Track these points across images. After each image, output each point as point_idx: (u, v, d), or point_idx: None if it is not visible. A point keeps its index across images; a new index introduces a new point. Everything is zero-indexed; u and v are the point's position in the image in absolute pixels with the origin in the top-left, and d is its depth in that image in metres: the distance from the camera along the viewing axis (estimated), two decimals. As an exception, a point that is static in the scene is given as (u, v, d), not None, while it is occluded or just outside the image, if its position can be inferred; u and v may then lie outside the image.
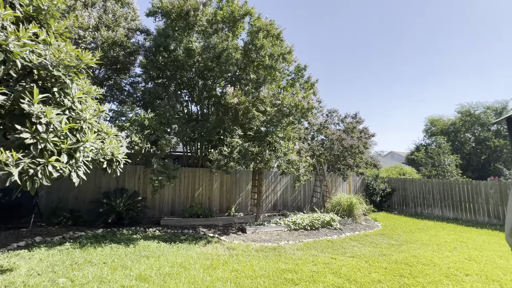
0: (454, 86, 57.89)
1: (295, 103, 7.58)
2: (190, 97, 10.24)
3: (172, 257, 5.00)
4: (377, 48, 59.96)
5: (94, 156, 3.82)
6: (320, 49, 62.80)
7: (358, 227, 8.77)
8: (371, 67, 66.45)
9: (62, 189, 7.85)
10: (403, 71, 64.47)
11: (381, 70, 67.36)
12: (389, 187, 13.29)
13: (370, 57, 62.27)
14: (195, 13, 7.86)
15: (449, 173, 15.44)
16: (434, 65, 58.34)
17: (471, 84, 55.65)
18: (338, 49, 63.54)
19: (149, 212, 8.82)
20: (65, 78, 2.85)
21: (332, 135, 10.95)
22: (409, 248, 6.37)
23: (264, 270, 4.64)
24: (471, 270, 4.99)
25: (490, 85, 52.74)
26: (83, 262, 4.41)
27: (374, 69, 67.32)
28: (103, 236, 6.13)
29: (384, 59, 62.88)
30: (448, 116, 28.29)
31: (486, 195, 9.98)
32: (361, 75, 69.69)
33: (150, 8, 8.40)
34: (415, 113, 69.43)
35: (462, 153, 23.96)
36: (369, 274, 4.67)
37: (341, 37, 59.18)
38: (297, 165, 8.23)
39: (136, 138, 6.08)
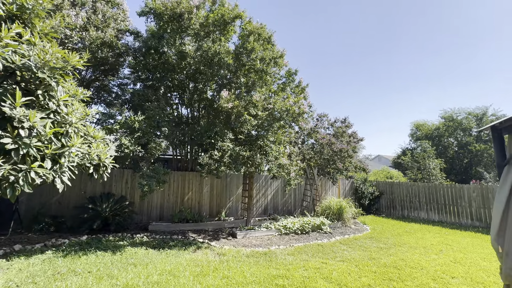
0: (439, 92, 60.04)
1: (286, 107, 7.62)
2: (180, 99, 10.10)
3: (161, 265, 4.87)
4: (366, 53, 61.49)
5: (80, 161, 3.68)
6: (306, 48, 63.71)
7: (348, 230, 8.86)
8: (361, 72, 68.07)
9: (45, 194, 7.53)
10: (391, 76, 66.35)
11: (368, 75, 69.09)
12: (377, 190, 13.54)
13: (361, 61, 63.79)
14: (189, 16, 7.80)
15: (433, 176, 15.90)
16: (419, 72, 60.35)
17: (455, 90, 57.91)
18: (324, 50, 64.72)
19: (137, 217, 8.59)
20: (50, 80, 2.73)
21: (322, 139, 11.07)
22: (398, 251, 6.48)
23: (255, 276, 4.59)
24: (457, 273, 5.12)
25: (472, 92, 55.06)
26: (66, 272, 4.21)
27: (362, 74, 68.98)
28: (88, 243, 5.90)
29: (370, 65, 64.55)
30: (432, 121, 29.23)
31: (469, 198, 10.34)
32: (346, 79, 71.20)
33: (143, 7, 8.27)
34: (401, 117, 71.44)
35: (445, 157, 24.76)
36: (359, 278, 4.70)
37: (326, 36, 60.31)
38: (288, 169, 8.25)
39: (126, 141, 5.91)
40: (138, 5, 26.47)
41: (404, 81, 63.71)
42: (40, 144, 2.65)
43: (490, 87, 51.43)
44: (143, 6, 8.26)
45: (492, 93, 51.33)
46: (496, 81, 50.02)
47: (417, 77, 60.01)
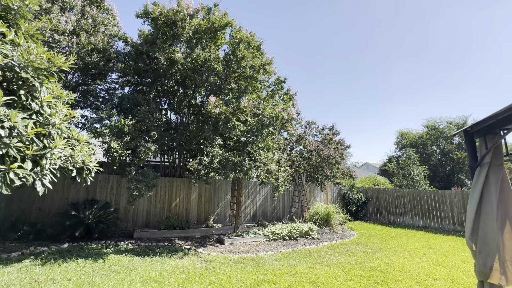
0: (423, 102, 62.42)
1: (275, 114, 7.73)
2: (169, 105, 10.06)
3: (145, 272, 4.75)
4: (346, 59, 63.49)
5: (62, 164, 3.60)
6: (297, 59, 65.09)
7: (335, 236, 8.93)
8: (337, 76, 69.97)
9: (24, 200, 7.23)
10: (378, 87, 68.56)
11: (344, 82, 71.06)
12: (364, 196, 13.77)
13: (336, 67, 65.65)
14: (182, 24, 7.89)
15: (418, 183, 16.36)
16: (404, 83, 62.72)
17: (438, 100, 60.40)
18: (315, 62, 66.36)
19: (122, 224, 8.36)
20: (34, 80, 2.70)
21: (311, 145, 11.24)
22: (383, 256, 6.58)
23: (242, 282, 4.55)
24: (439, 275, 5.25)
25: (454, 102, 57.58)
26: (44, 280, 4.04)
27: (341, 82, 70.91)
28: (69, 251, 5.68)
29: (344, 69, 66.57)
30: (416, 130, 30.27)
31: (451, 204, 10.69)
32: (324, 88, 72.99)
33: (141, 11, 8.33)
34: (388, 126, 73.57)
35: (429, 164, 25.58)
36: (345, 282, 4.75)
37: (317, 50, 61.95)
38: (276, 175, 8.31)
39: (115, 145, 5.80)
40: (134, 5, 26.39)
41: (390, 91, 65.96)
42: (21, 144, 2.59)
43: (470, 98, 54.02)
44: (141, 11, 8.32)
45: (472, 103, 53.90)
46: (475, 92, 52.63)
47: (402, 88, 62.30)
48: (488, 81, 53.25)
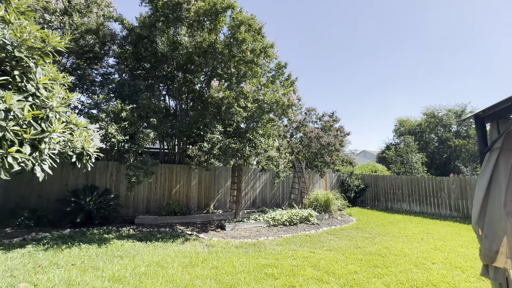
0: (423, 89, 62.07)
1: (276, 99, 7.59)
2: (168, 91, 9.85)
3: (148, 256, 4.78)
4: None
5: (61, 149, 3.51)
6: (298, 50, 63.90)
7: (334, 221, 9.06)
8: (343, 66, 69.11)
9: (23, 187, 7.17)
10: (375, 73, 67.83)
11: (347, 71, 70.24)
12: (362, 183, 13.90)
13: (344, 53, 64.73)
14: (187, 6, 7.55)
15: (416, 170, 16.52)
16: (404, 69, 62.06)
17: (438, 87, 60.06)
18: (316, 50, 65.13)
19: (123, 210, 8.38)
20: (28, 60, 2.55)
21: (311, 132, 11.18)
22: (382, 240, 6.70)
23: (244, 266, 4.60)
24: (437, 259, 5.36)
25: (453, 89, 57.30)
26: (48, 265, 4.04)
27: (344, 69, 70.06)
28: (71, 237, 5.69)
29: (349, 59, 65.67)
30: (415, 117, 30.26)
31: (449, 190, 10.82)
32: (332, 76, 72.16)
33: None
34: (386, 114, 73.49)
35: (426, 152, 25.76)
36: (346, 266, 4.82)
37: (318, 38, 60.69)
38: (277, 162, 8.28)
39: (112, 130, 5.68)
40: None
41: (389, 78, 65.34)
42: (18, 128, 2.49)
43: (470, 85, 53.76)
44: None
45: (472, 91, 53.71)
46: (473, 80, 52.32)
47: (402, 74, 61.69)
48: (486, 70, 52.85)
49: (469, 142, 24.75)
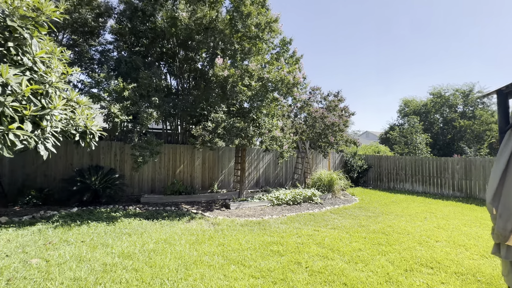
0: (429, 71, 60.35)
1: (280, 77, 7.34)
2: (169, 69, 9.56)
3: (156, 234, 4.86)
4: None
5: (64, 127, 3.42)
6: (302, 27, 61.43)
7: (337, 201, 9.14)
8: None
9: (28, 166, 7.20)
10: (380, 53, 65.67)
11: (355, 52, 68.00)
12: (365, 164, 13.89)
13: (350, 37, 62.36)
14: None
15: (419, 150, 16.43)
16: (410, 49, 59.92)
17: (444, 67, 58.31)
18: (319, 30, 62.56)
19: (128, 190, 8.47)
20: (22, 31, 2.39)
21: (315, 112, 10.97)
22: (385, 219, 6.76)
23: (250, 244, 4.67)
24: (440, 237, 5.41)
25: (461, 69, 55.60)
26: (58, 242, 4.12)
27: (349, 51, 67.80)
28: (79, 215, 5.78)
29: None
30: (420, 98, 29.67)
31: (453, 171, 10.79)
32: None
33: None
34: (389, 94, 72.11)
35: (431, 132, 25.52)
36: (350, 244, 4.89)
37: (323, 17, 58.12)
38: (281, 142, 8.20)
39: (115, 110, 5.56)
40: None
41: (394, 58, 63.28)
42: (17, 104, 2.38)
43: (478, 65, 52.08)
44: None
45: (480, 70, 52.12)
46: (484, 59, 50.55)
47: (407, 54, 59.68)
48: (492, 52, 50.81)
49: (475, 123, 24.41)
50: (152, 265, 3.51)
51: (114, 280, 2.98)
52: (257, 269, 3.68)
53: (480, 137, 23.96)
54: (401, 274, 3.73)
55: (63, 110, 3.00)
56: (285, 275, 3.55)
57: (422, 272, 3.81)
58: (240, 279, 3.34)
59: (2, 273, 3.00)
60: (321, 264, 3.92)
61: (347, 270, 3.77)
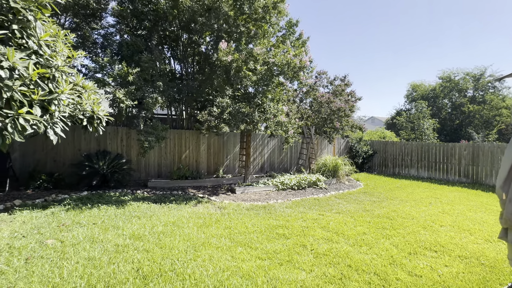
0: (438, 53, 58.28)
1: (286, 61, 7.18)
2: (173, 53, 9.40)
3: (164, 217, 4.98)
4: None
5: (71, 112, 3.44)
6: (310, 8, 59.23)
7: (342, 186, 9.19)
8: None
9: (38, 152, 7.33)
10: (387, 36, 63.35)
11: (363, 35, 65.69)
12: (371, 149, 13.82)
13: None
14: None
15: (426, 136, 16.22)
16: (418, 31, 57.59)
17: (454, 50, 56.22)
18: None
19: (135, 174, 8.62)
20: (25, 12, 2.34)
21: (321, 97, 10.81)
22: (390, 204, 6.81)
23: (256, 227, 4.77)
24: (445, 222, 5.45)
25: (474, 52, 53.56)
26: (71, 224, 4.26)
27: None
28: (89, 198, 5.94)
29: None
30: (429, 82, 28.93)
31: (459, 156, 10.68)
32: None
33: None
34: (396, 79, 70.33)
35: (438, 117, 25.07)
36: (354, 228, 4.96)
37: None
38: (286, 127, 8.16)
39: (120, 95, 5.54)
40: None
41: (401, 41, 61.03)
42: (25, 88, 2.38)
43: (491, 48, 50.04)
44: None
45: (493, 53, 50.15)
46: (496, 41, 48.46)
47: (415, 37, 57.44)
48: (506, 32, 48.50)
49: (484, 108, 23.84)
50: (162, 246, 3.63)
51: (127, 260, 3.10)
52: (264, 251, 3.78)
53: (489, 123, 23.48)
54: (405, 257, 3.79)
55: (70, 94, 3.00)
56: (291, 257, 3.64)
57: (425, 255, 3.87)
58: (247, 260, 3.44)
59: (21, 252, 3.14)
60: (326, 247, 4.00)
61: (351, 252, 3.85)
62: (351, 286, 2.96)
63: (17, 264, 2.89)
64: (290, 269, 3.30)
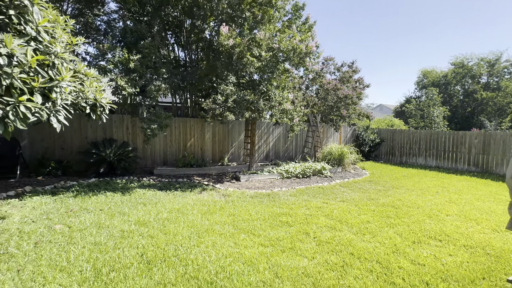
0: (450, 38, 55.83)
1: (292, 46, 6.98)
2: (176, 39, 9.25)
3: (169, 204, 5.06)
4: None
5: (74, 100, 3.43)
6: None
7: (347, 175, 9.13)
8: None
9: (46, 139, 7.46)
10: (397, 20, 60.80)
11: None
12: (378, 137, 13.60)
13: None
14: None
15: (436, 124, 15.83)
16: (429, 15, 54.98)
17: (467, 36, 53.73)
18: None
19: (141, 162, 8.73)
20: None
21: (328, 84, 10.57)
22: (395, 193, 6.74)
23: (260, 214, 4.80)
24: (452, 211, 5.38)
25: (486, 36, 51.07)
26: (78, 210, 4.37)
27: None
28: (97, 185, 6.06)
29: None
30: (441, 68, 27.96)
31: (470, 145, 10.41)
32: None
33: None
34: (406, 66, 68.12)
35: (449, 105, 24.36)
36: (358, 216, 4.95)
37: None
38: (291, 115, 8.04)
39: (122, 82, 5.51)
40: None
41: (411, 25, 58.49)
42: (25, 76, 2.36)
43: (507, 31, 47.59)
44: None
45: (509, 36, 47.77)
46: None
47: (426, 21, 54.91)
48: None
49: (498, 95, 22.99)
50: (166, 232, 3.70)
51: (132, 245, 3.18)
52: (266, 238, 3.82)
53: (503, 110, 22.70)
54: (408, 245, 3.78)
55: (72, 82, 2.98)
56: (294, 244, 3.67)
57: (430, 244, 3.84)
58: (250, 247, 3.48)
59: (30, 237, 3.25)
60: (329, 235, 4.01)
61: (354, 241, 3.85)
62: (353, 273, 2.97)
63: (26, 248, 3.00)
64: (292, 256, 3.33)
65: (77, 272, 2.55)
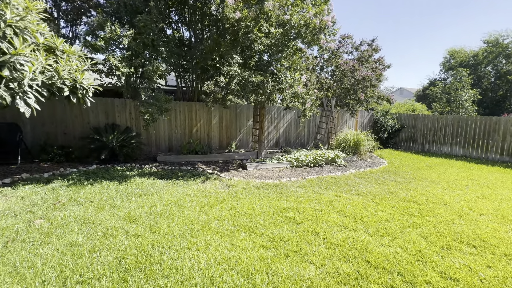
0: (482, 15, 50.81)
1: (305, 21, 6.17)
2: (181, 17, 8.60)
3: (167, 195, 4.69)
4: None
5: (47, 80, 2.98)
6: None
7: (363, 164, 8.45)
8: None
9: (47, 124, 7.26)
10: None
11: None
12: (398, 123, 12.61)
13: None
14: None
15: (464, 109, 14.46)
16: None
17: (500, 9, 48.61)
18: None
19: (146, 148, 8.44)
20: None
21: (345, 65, 9.65)
22: (418, 186, 6.06)
23: (264, 208, 4.34)
24: (485, 209, 4.68)
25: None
26: (67, 201, 4.08)
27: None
28: (95, 173, 5.80)
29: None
30: (470, 48, 25.48)
31: (505, 132, 9.32)
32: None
33: None
34: (431, 46, 63.31)
35: (478, 88, 22.38)
36: (375, 213, 4.38)
37: None
38: (304, 99, 7.35)
39: (115, 61, 5.04)
40: None
41: (437, 3, 53.57)
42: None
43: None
44: None
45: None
46: None
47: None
48: None
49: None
50: (156, 230, 3.32)
51: (112, 247, 2.80)
52: (269, 238, 3.36)
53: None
54: (436, 252, 3.20)
55: (34, 57, 2.51)
56: (300, 246, 3.20)
57: (462, 252, 3.24)
58: (248, 250, 3.04)
59: (4, 234, 2.95)
60: (341, 236, 3.50)
61: (371, 244, 3.32)
62: (369, 290, 2.47)
63: (-4, 248, 2.69)
64: (297, 262, 2.86)
65: (39, 283, 2.19)
